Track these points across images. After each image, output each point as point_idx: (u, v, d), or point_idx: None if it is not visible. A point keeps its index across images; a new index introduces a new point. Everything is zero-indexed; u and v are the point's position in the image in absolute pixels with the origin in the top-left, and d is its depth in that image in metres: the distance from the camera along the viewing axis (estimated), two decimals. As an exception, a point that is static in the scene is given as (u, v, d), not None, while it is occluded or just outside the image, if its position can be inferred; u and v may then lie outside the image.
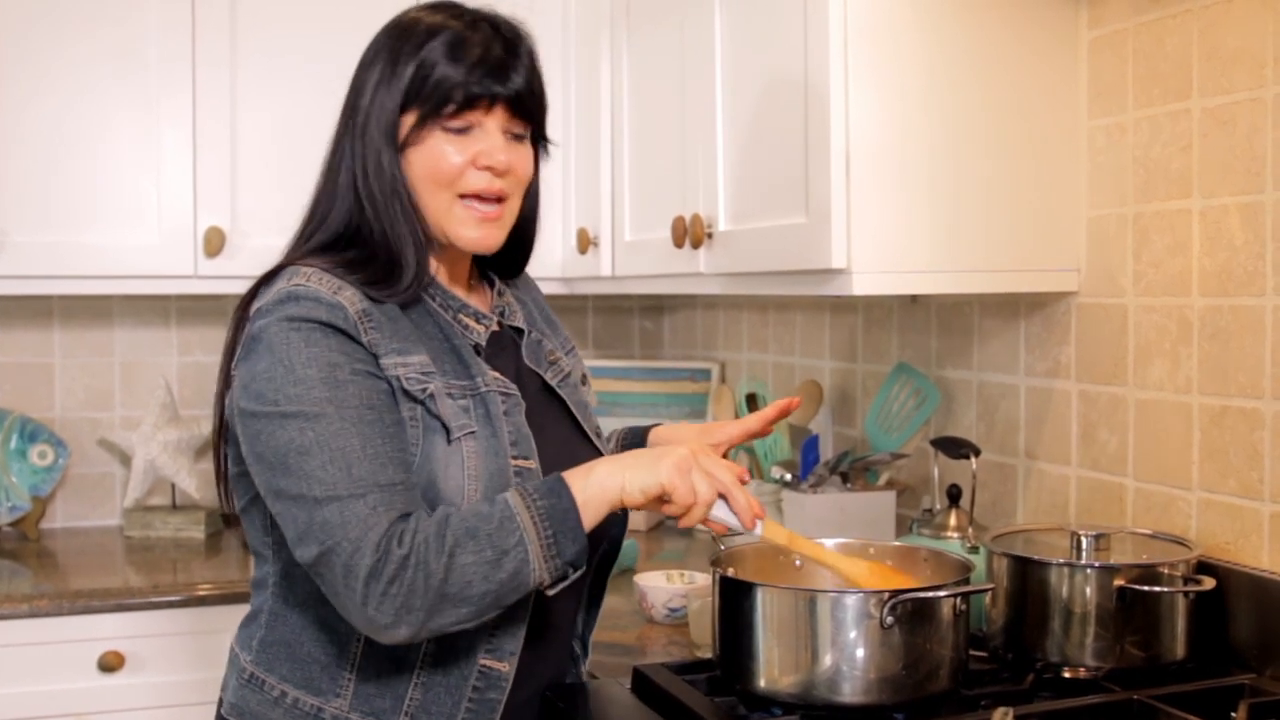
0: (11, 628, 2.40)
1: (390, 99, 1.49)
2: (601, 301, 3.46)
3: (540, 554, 1.37)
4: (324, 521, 1.36)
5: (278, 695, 1.51)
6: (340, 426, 1.38)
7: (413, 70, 1.48)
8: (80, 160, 2.70)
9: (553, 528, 1.38)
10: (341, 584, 1.35)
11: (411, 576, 1.34)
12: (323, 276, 1.45)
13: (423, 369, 1.46)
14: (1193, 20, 1.81)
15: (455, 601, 1.36)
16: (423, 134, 1.48)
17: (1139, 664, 1.66)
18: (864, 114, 1.86)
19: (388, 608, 1.34)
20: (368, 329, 1.44)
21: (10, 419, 2.94)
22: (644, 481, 1.41)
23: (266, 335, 1.42)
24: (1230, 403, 1.77)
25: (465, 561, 1.35)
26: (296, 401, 1.38)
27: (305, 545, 1.37)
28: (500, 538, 1.36)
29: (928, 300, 2.39)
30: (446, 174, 1.49)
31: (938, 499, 2.13)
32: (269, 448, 1.39)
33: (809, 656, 1.53)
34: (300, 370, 1.39)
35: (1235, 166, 1.75)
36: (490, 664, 1.51)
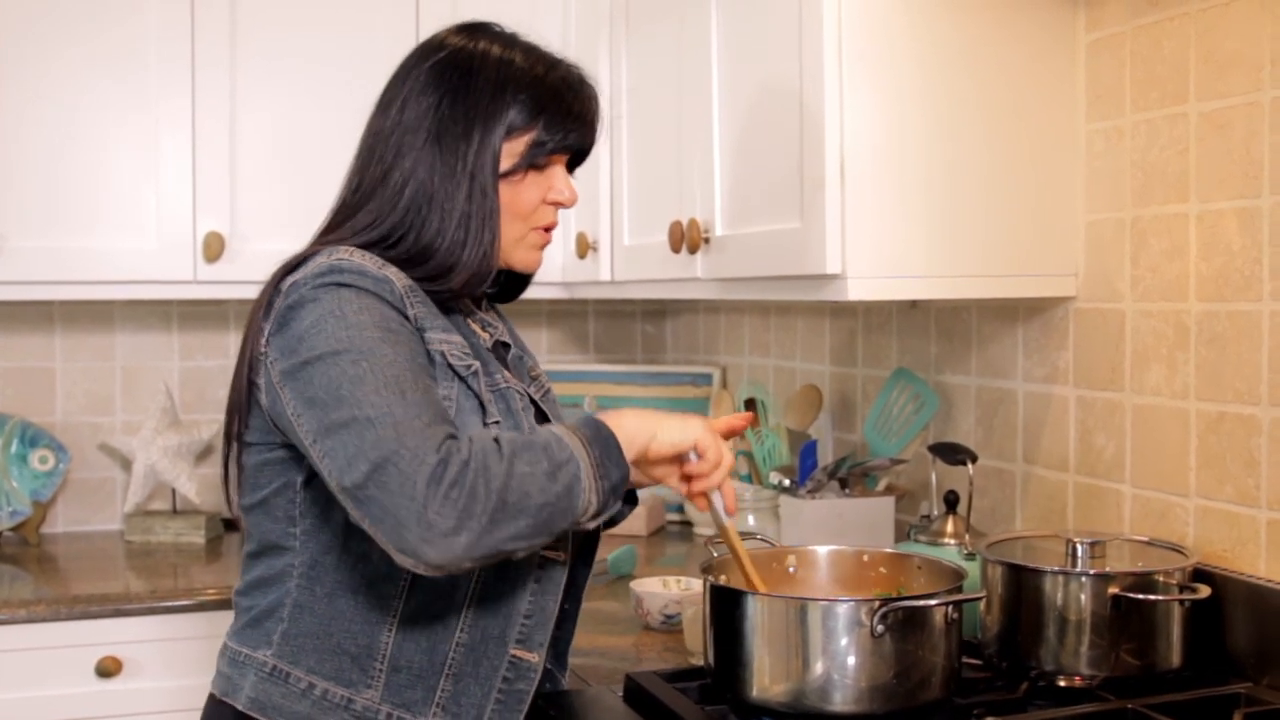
0: (9, 633, 2.40)
1: (494, 132, 1.54)
2: (603, 306, 3.46)
3: (591, 472, 1.38)
4: (378, 438, 1.33)
5: (305, 687, 1.51)
6: (394, 359, 1.40)
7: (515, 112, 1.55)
8: (80, 165, 2.70)
9: (598, 449, 1.40)
10: (397, 494, 1.31)
11: (473, 480, 1.32)
12: (366, 254, 1.49)
13: (463, 349, 1.51)
14: (1190, 23, 1.79)
15: (514, 512, 1.33)
16: (519, 174, 1.56)
17: (1134, 672, 1.65)
18: (859, 118, 1.85)
19: (449, 511, 1.30)
20: (413, 303, 1.48)
21: (11, 424, 2.94)
22: (676, 436, 1.46)
23: (311, 298, 1.43)
24: (1227, 409, 1.75)
25: (523, 470, 1.34)
26: (349, 341, 1.40)
27: (354, 466, 1.33)
28: (554, 451, 1.37)
29: (927, 305, 2.38)
30: (528, 209, 1.58)
31: (935, 505, 2.11)
32: (320, 387, 1.38)
33: (800, 665, 1.52)
34: (353, 316, 1.41)
35: (1232, 171, 1.74)
36: (521, 655, 1.53)
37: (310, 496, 1.51)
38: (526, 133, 1.55)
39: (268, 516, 1.55)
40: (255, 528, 1.57)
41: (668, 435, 1.45)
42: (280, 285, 1.49)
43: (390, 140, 1.56)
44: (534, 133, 1.55)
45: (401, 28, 2.80)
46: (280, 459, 1.52)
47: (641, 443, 1.44)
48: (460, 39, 1.59)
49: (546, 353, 3.40)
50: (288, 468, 1.51)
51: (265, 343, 1.46)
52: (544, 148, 1.56)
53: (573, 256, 2.76)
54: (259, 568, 1.57)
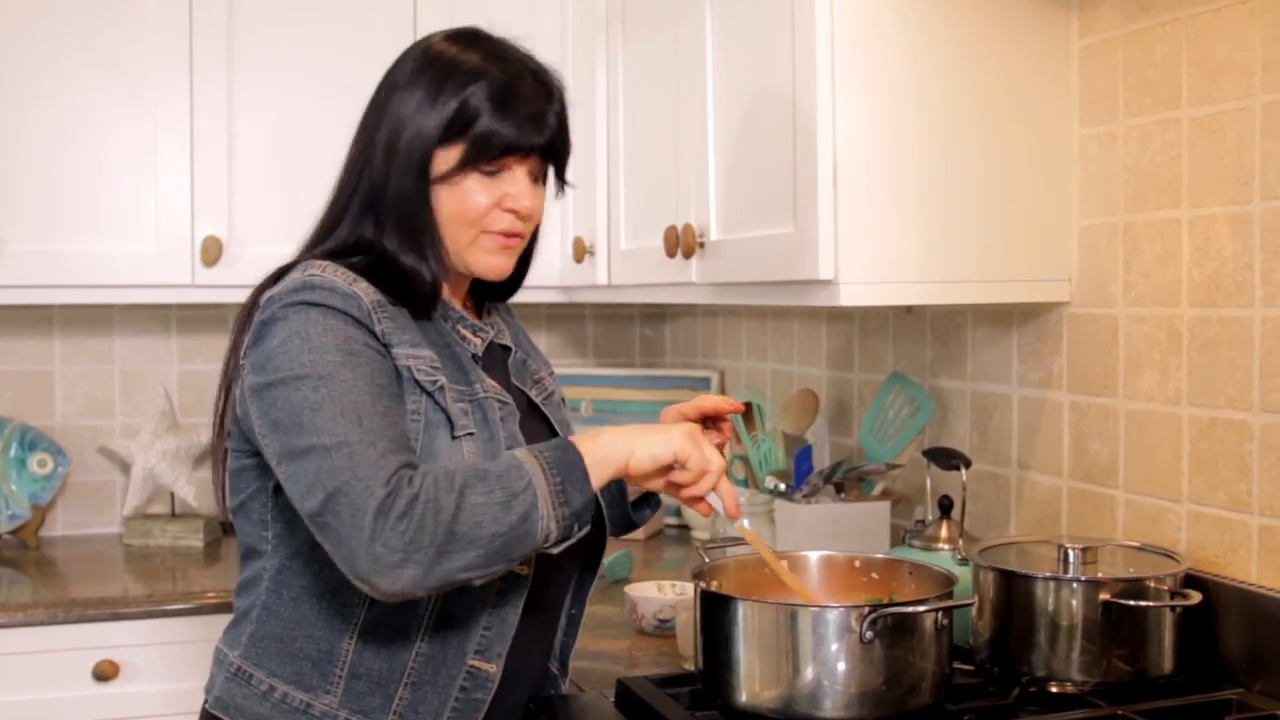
0: (7, 636, 2.40)
1: (427, 133, 1.51)
2: (602, 309, 3.46)
3: (549, 500, 1.37)
4: (333, 467, 1.35)
5: (266, 689, 1.52)
6: (353, 384, 1.40)
7: (454, 110, 1.50)
8: (78, 169, 2.70)
9: (560, 476, 1.39)
10: (349, 524, 1.33)
11: (421, 512, 1.32)
12: (338, 269, 1.49)
13: (432, 363, 1.50)
14: (1182, 29, 1.79)
15: (464, 542, 1.34)
16: (458, 175, 1.52)
17: (1126, 678, 1.65)
18: (852, 124, 1.85)
19: (395, 544, 1.32)
20: (381, 319, 1.47)
21: (10, 427, 2.95)
22: (655, 449, 1.44)
23: (281, 316, 1.45)
24: (1219, 414, 1.75)
25: (475, 501, 1.34)
26: (311, 365, 1.40)
27: (313, 494, 1.36)
28: (509, 480, 1.37)
29: (922, 310, 2.38)
30: (475, 213, 1.53)
31: (930, 510, 2.11)
32: (283, 411, 1.40)
33: (790, 671, 1.52)
34: (316, 339, 1.42)
35: (1224, 176, 1.74)
36: (478, 665, 1.52)
37: (280, 502, 1.52)
38: (467, 132, 1.50)
39: (247, 520, 1.58)
40: (240, 530, 1.60)
41: (646, 450, 1.44)
42: (259, 299, 1.51)
43: (355, 148, 1.58)
44: (474, 130, 1.50)
45: (399, 31, 2.80)
46: (253, 465, 1.54)
47: (619, 461, 1.44)
48: (426, 42, 1.58)
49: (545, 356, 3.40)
50: (260, 474, 1.53)
51: (243, 354, 1.49)
52: (488, 145, 1.50)
53: (570, 260, 2.76)
54: (245, 569, 1.60)
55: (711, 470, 1.47)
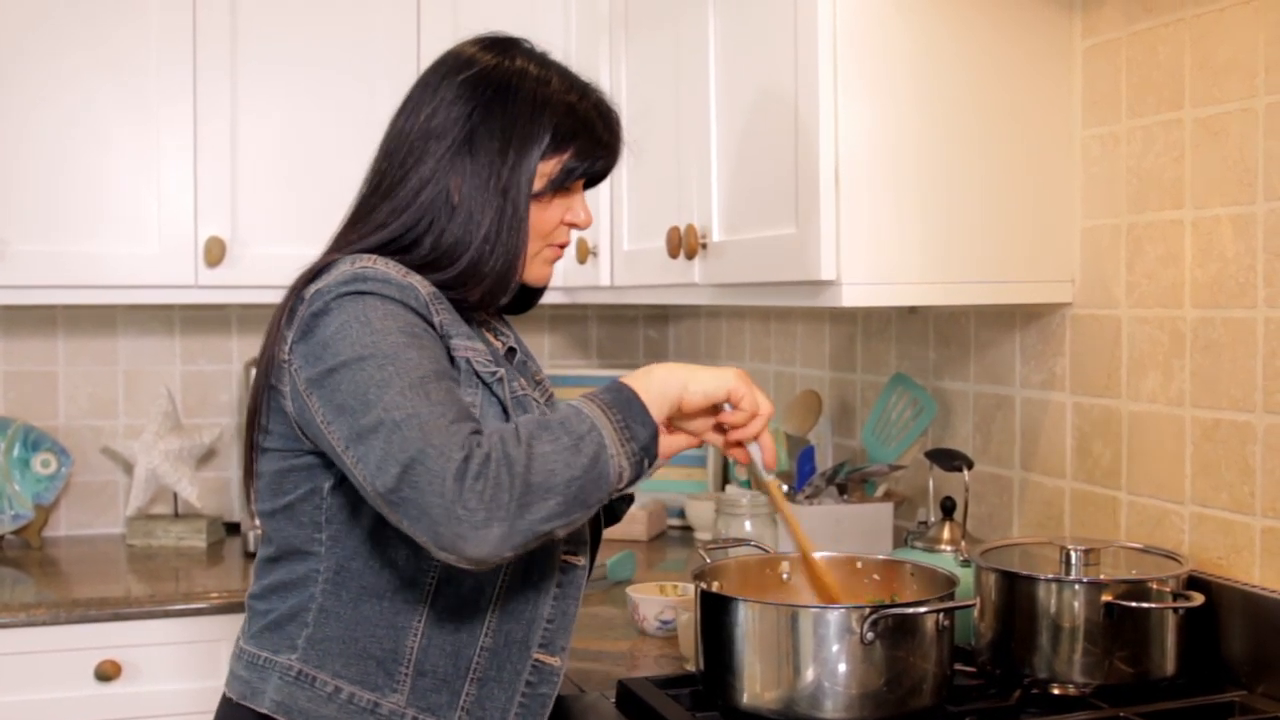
0: (10, 636, 2.40)
1: (531, 152, 1.56)
2: (605, 311, 3.46)
3: (615, 438, 1.37)
4: (405, 439, 1.33)
5: (331, 691, 1.51)
6: (419, 361, 1.40)
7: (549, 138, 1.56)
8: (81, 169, 2.71)
9: (621, 414, 1.39)
10: (428, 491, 1.31)
11: (496, 470, 1.31)
12: (389, 262, 1.50)
13: (488, 356, 1.52)
14: (1185, 30, 1.79)
15: (542, 492, 1.33)
16: (546, 194, 1.58)
17: (1128, 680, 1.64)
18: (854, 125, 1.85)
19: (476, 505, 1.30)
20: (438, 310, 1.48)
21: (14, 427, 2.95)
22: (708, 385, 1.44)
23: (335, 307, 1.44)
24: (1222, 416, 1.75)
25: (544, 450, 1.34)
26: (373, 346, 1.40)
27: (385, 469, 1.34)
28: (573, 425, 1.37)
29: (925, 311, 2.38)
30: (549, 228, 1.61)
31: (932, 511, 2.11)
32: (347, 394, 1.39)
33: (791, 672, 1.52)
34: (377, 323, 1.42)
35: (1227, 177, 1.73)
36: (543, 659, 1.54)
37: (337, 502, 1.51)
38: (558, 156, 1.57)
39: (291, 522, 1.55)
40: (276, 533, 1.57)
41: (699, 385, 1.44)
42: (303, 293, 1.49)
43: (414, 144, 1.56)
44: (565, 157, 1.57)
45: (403, 33, 2.81)
46: (307, 465, 1.52)
47: (674, 395, 1.43)
48: (493, 55, 1.59)
49: (549, 357, 3.41)
50: (314, 473, 1.52)
51: (289, 350, 1.47)
52: (574, 173, 1.58)
53: (573, 261, 2.76)
54: (279, 572, 1.57)
55: (762, 413, 1.47)
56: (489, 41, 1.62)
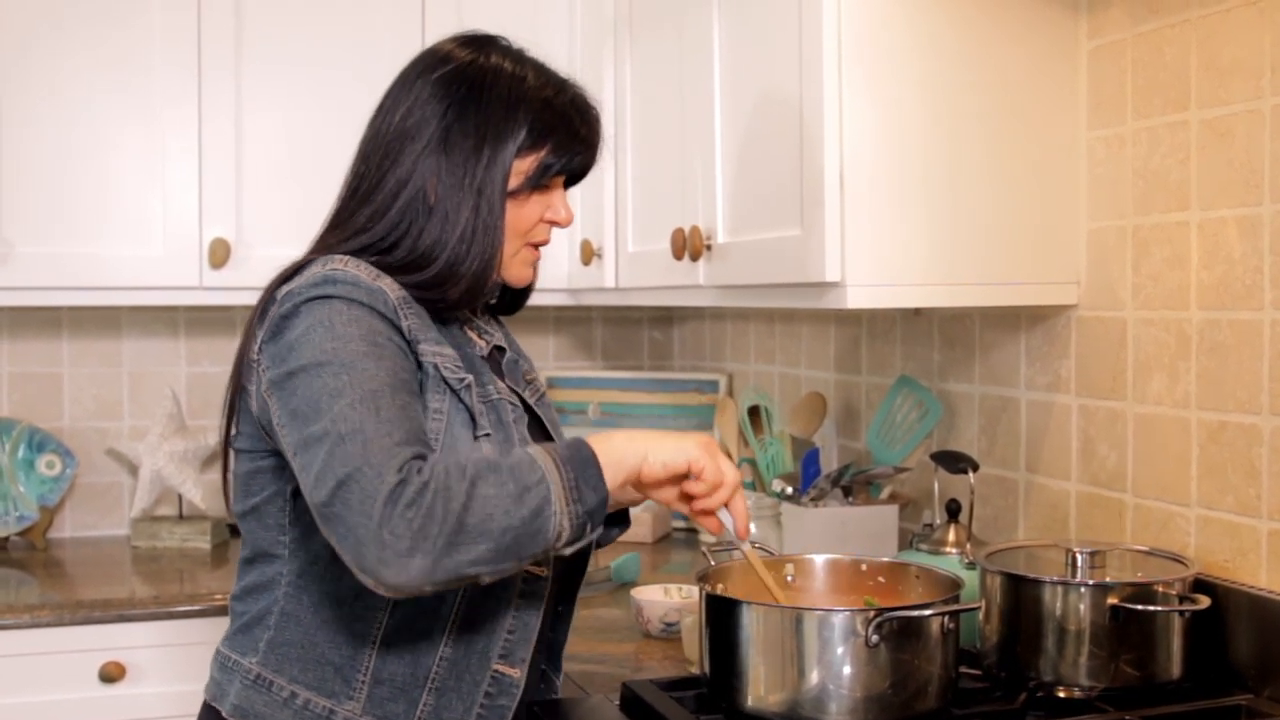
0: (14, 638, 2.41)
1: (505, 149, 1.54)
2: (610, 313, 3.46)
3: (562, 495, 1.34)
4: (346, 454, 1.32)
5: (287, 696, 1.51)
6: (375, 373, 1.38)
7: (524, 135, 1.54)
8: (86, 171, 2.71)
9: (574, 472, 1.36)
10: (358, 511, 1.29)
11: (431, 500, 1.29)
12: (360, 264, 1.48)
13: (456, 362, 1.50)
14: (1191, 30, 1.79)
15: (474, 535, 1.30)
16: (523, 192, 1.56)
17: (1134, 684, 1.64)
18: (859, 126, 1.85)
19: (404, 531, 1.28)
20: (406, 314, 1.47)
21: (19, 429, 2.95)
22: (669, 455, 1.42)
23: (303, 309, 1.43)
24: (1228, 418, 1.74)
25: (487, 493, 1.31)
26: (334, 353, 1.39)
27: (323, 482, 1.32)
28: (522, 473, 1.34)
29: (930, 313, 2.38)
30: (527, 226, 1.59)
31: (938, 514, 2.11)
32: (302, 399, 1.38)
33: (795, 675, 1.52)
34: (340, 328, 1.41)
35: (1233, 179, 1.73)
36: (503, 669, 1.52)
37: (300, 505, 1.50)
38: (534, 153, 1.55)
39: (260, 523, 1.56)
40: (249, 534, 1.58)
41: (659, 456, 1.41)
42: (275, 293, 1.49)
43: (390, 144, 1.55)
44: (542, 154, 1.55)
45: (407, 33, 2.81)
46: (271, 466, 1.52)
47: (631, 465, 1.41)
48: (469, 52, 1.57)
49: (553, 359, 3.40)
50: (278, 476, 1.52)
51: (258, 350, 1.47)
52: (551, 170, 1.57)
53: (578, 263, 2.76)
54: (252, 574, 1.58)
55: (726, 483, 1.45)
56: (466, 39, 1.61)
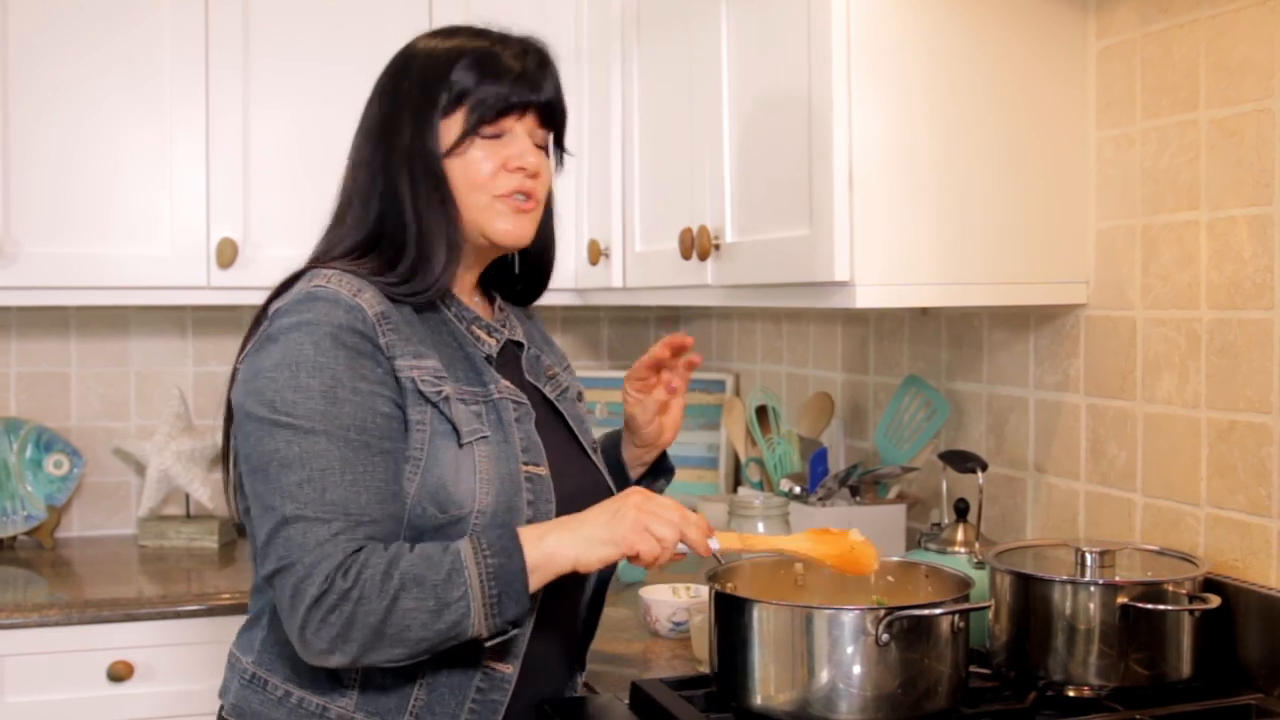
0: (23, 637, 2.41)
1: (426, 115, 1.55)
2: (617, 312, 3.46)
3: (481, 611, 1.41)
4: (286, 539, 1.40)
5: (281, 695, 1.53)
6: (326, 447, 1.42)
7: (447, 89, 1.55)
8: (93, 171, 2.71)
9: (499, 588, 1.41)
10: (288, 603, 1.40)
11: (352, 610, 1.38)
12: (344, 278, 1.49)
13: (436, 373, 1.50)
14: (1200, 30, 1.78)
15: (391, 642, 1.40)
16: (462, 145, 1.55)
17: (1144, 683, 1.64)
18: (868, 126, 1.85)
19: (324, 634, 1.39)
20: (385, 331, 1.48)
21: (26, 428, 2.95)
22: (602, 551, 1.45)
23: (282, 336, 1.46)
24: (1239, 418, 1.74)
25: (407, 606, 1.39)
26: (290, 411, 1.42)
27: (265, 559, 1.42)
28: (445, 590, 1.40)
29: (938, 312, 2.37)
30: (483, 178, 1.56)
31: (946, 513, 2.10)
32: (256, 450, 1.44)
33: (805, 673, 1.52)
34: (304, 379, 1.43)
35: (1243, 178, 1.73)
36: (494, 665, 1.53)
37: None
38: (461, 105, 1.55)
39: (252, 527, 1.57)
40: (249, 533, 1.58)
41: (592, 553, 1.44)
42: (268, 309, 1.52)
43: (357, 148, 1.61)
44: (469, 102, 1.55)
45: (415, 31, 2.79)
46: None
47: (562, 566, 1.45)
48: (411, 41, 1.63)
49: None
50: None
51: (241, 359, 1.51)
52: (485, 107, 1.54)
53: (585, 263, 2.76)
54: (255, 575, 1.59)
55: (665, 550, 1.45)
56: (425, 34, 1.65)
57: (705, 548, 1.49)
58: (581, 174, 2.79)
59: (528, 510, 1.51)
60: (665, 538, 1.45)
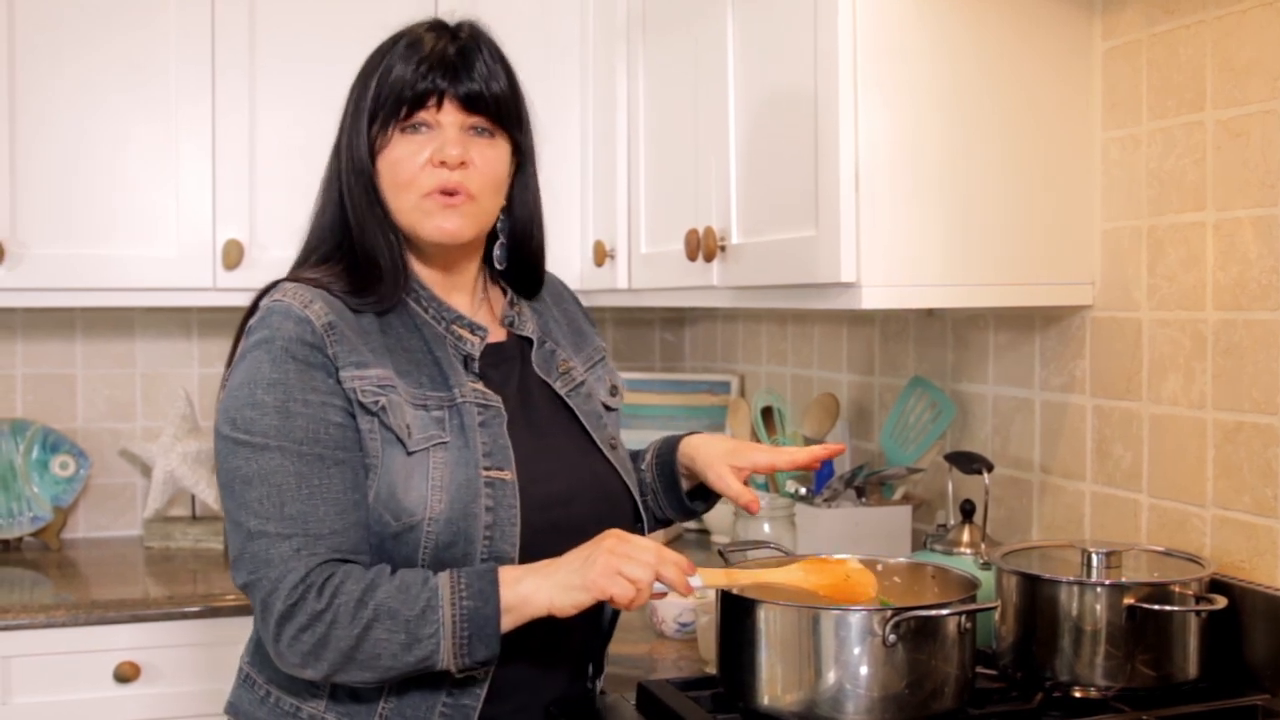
0: (29, 638, 2.41)
1: (362, 110, 1.56)
2: (623, 314, 3.46)
3: (451, 650, 1.43)
4: (253, 554, 1.43)
5: (264, 694, 1.58)
6: (281, 463, 1.44)
7: (375, 79, 1.55)
8: (99, 172, 2.72)
9: (470, 630, 1.42)
10: (259, 615, 1.44)
11: (325, 632, 1.41)
12: (299, 291, 1.50)
13: (380, 381, 1.49)
14: (1206, 31, 1.78)
15: (361, 667, 1.43)
16: (386, 138, 1.54)
17: (1150, 684, 1.64)
18: (874, 127, 1.85)
19: (296, 650, 1.42)
20: (331, 341, 1.48)
21: (32, 430, 2.96)
22: (575, 598, 1.43)
23: (248, 354, 1.49)
24: (1244, 418, 1.74)
25: (379, 636, 1.41)
26: (248, 429, 1.45)
27: (237, 570, 1.46)
28: (417, 626, 1.42)
29: (944, 314, 2.38)
30: (406, 174, 1.53)
31: (952, 514, 2.11)
32: (222, 468, 1.48)
33: (812, 674, 1.52)
34: (260, 395, 1.46)
35: (1249, 179, 1.73)
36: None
37: None
38: (380, 97, 1.53)
39: None
40: None
41: (565, 599, 1.42)
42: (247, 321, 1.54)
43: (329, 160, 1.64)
44: (384, 92, 1.53)
45: (420, 36, 2.81)
46: None
47: (535, 612, 1.43)
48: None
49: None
50: None
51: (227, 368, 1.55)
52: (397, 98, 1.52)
53: (590, 264, 2.76)
54: None
55: (642, 592, 1.42)
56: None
57: (685, 586, 1.43)
58: (587, 175, 2.80)
59: (486, 516, 1.49)
60: (639, 578, 1.40)
